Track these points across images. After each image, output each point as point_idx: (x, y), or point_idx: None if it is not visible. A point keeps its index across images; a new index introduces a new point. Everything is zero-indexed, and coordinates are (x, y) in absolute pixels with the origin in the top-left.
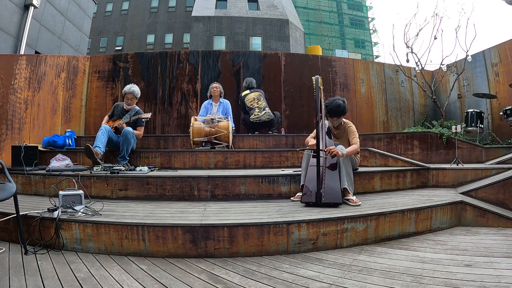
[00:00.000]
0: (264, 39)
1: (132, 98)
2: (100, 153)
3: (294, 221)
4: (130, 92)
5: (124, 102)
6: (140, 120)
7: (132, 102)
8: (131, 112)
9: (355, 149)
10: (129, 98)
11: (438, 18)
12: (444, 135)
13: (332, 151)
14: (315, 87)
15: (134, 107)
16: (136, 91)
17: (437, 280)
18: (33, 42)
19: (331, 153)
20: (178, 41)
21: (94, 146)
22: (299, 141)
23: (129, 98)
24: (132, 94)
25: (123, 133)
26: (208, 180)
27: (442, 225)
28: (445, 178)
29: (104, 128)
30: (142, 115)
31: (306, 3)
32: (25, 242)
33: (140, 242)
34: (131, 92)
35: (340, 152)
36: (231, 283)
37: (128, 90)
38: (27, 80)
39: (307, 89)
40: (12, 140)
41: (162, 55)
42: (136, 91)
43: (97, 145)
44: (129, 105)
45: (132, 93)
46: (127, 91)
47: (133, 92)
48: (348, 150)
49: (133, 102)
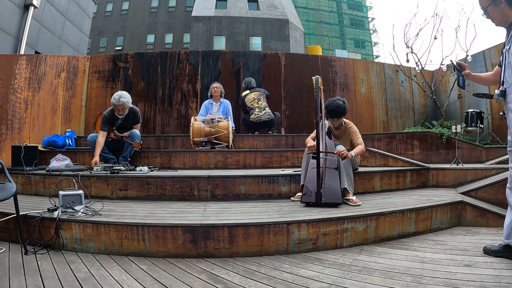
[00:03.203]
0: (264, 39)
1: (123, 109)
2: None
3: (294, 221)
4: (119, 104)
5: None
6: (136, 119)
7: (124, 111)
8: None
9: (361, 149)
10: (119, 109)
11: (438, 18)
12: (444, 135)
13: (342, 153)
14: (315, 87)
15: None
16: (126, 102)
17: (437, 280)
18: (33, 42)
19: (341, 155)
20: (178, 41)
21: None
22: (299, 141)
23: (120, 109)
24: (122, 105)
25: (130, 135)
26: (208, 180)
27: (442, 225)
28: (445, 178)
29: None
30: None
31: (306, 3)
32: (25, 242)
33: (140, 242)
34: (121, 104)
35: (349, 154)
36: (231, 283)
37: (117, 103)
38: (27, 80)
39: (307, 89)
40: (12, 140)
41: (162, 55)
42: (126, 102)
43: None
44: (121, 115)
45: (122, 104)
46: (116, 104)
47: (123, 104)
48: (355, 151)
49: (125, 111)
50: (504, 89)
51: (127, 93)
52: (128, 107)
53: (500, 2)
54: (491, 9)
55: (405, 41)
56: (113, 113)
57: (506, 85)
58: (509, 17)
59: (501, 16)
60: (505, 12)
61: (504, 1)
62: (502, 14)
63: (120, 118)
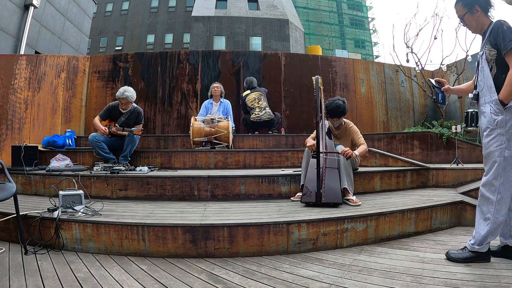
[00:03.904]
0: (264, 39)
1: (126, 103)
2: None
3: (294, 221)
4: (123, 98)
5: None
6: (139, 119)
7: (127, 106)
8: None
9: (365, 149)
10: (123, 103)
11: (438, 18)
12: (444, 135)
13: (347, 152)
14: (315, 87)
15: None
16: (130, 96)
17: (437, 280)
18: (33, 42)
19: (346, 154)
20: (178, 41)
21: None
22: (299, 141)
23: (123, 103)
24: (126, 99)
25: (130, 134)
26: (208, 180)
27: (442, 225)
28: (445, 178)
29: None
30: (134, 131)
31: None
32: (25, 242)
33: (140, 242)
34: (125, 97)
35: (354, 153)
36: (231, 283)
37: (121, 96)
38: (27, 80)
39: (307, 89)
40: (12, 140)
41: (162, 55)
42: (130, 96)
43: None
44: (124, 109)
45: (126, 98)
46: (120, 97)
47: (127, 98)
48: (359, 150)
49: (129, 106)
50: (477, 93)
51: (132, 89)
52: (131, 101)
53: (476, 10)
54: (467, 18)
55: (405, 41)
56: (117, 106)
57: (479, 89)
58: (484, 25)
59: (477, 24)
60: (481, 19)
61: (479, 9)
62: (477, 21)
63: (124, 114)
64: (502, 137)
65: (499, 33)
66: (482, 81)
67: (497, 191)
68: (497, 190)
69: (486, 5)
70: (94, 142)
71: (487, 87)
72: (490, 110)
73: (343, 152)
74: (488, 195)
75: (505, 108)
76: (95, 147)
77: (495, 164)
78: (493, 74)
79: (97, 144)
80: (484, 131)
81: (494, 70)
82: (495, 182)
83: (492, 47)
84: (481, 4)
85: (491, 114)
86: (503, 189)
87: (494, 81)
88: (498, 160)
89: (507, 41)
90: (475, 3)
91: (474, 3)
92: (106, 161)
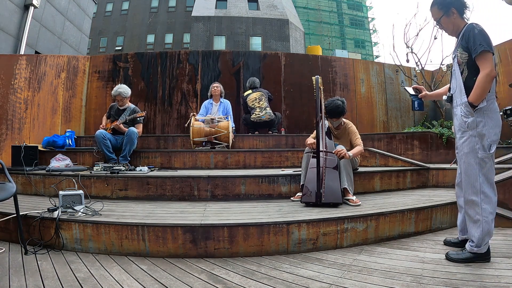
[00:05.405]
0: (264, 39)
1: (122, 99)
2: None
3: (294, 221)
4: (117, 95)
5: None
6: (136, 111)
7: (123, 102)
8: (127, 112)
9: (359, 150)
10: (119, 100)
11: None
12: (444, 135)
13: (340, 152)
14: (315, 87)
15: (129, 106)
16: (124, 92)
17: (437, 280)
18: (33, 42)
19: (339, 155)
20: (178, 41)
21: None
22: (299, 141)
23: (119, 99)
24: (120, 95)
25: (128, 134)
26: (208, 180)
27: (442, 225)
28: (445, 178)
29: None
30: (137, 114)
31: (306, 3)
32: (25, 242)
33: (140, 242)
34: (118, 94)
35: (347, 154)
36: (231, 283)
37: (115, 93)
38: (27, 80)
39: (307, 89)
40: (12, 140)
41: (162, 55)
42: (124, 92)
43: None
44: (121, 106)
45: (120, 94)
46: (114, 94)
47: (121, 94)
48: (353, 151)
49: (125, 102)
50: (450, 95)
51: (125, 86)
52: (126, 97)
53: (452, 12)
54: (444, 20)
55: (405, 41)
56: (116, 105)
57: (452, 91)
58: (460, 27)
59: (453, 26)
60: (457, 22)
61: (455, 12)
62: (454, 24)
63: (124, 112)
64: (474, 138)
65: (470, 37)
66: (455, 84)
67: (479, 191)
68: (478, 191)
69: (462, 7)
70: (100, 138)
71: (459, 90)
72: (461, 112)
73: (337, 152)
74: (472, 198)
75: (475, 110)
76: (100, 144)
77: (469, 166)
78: (464, 77)
79: (103, 141)
80: (457, 133)
81: (465, 73)
82: (475, 183)
83: (464, 50)
84: (457, 6)
85: (462, 116)
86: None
87: (465, 83)
88: (471, 161)
89: (477, 45)
90: (451, 6)
91: (450, 5)
92: (106, 161)
